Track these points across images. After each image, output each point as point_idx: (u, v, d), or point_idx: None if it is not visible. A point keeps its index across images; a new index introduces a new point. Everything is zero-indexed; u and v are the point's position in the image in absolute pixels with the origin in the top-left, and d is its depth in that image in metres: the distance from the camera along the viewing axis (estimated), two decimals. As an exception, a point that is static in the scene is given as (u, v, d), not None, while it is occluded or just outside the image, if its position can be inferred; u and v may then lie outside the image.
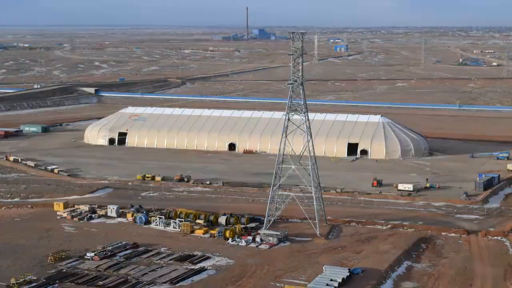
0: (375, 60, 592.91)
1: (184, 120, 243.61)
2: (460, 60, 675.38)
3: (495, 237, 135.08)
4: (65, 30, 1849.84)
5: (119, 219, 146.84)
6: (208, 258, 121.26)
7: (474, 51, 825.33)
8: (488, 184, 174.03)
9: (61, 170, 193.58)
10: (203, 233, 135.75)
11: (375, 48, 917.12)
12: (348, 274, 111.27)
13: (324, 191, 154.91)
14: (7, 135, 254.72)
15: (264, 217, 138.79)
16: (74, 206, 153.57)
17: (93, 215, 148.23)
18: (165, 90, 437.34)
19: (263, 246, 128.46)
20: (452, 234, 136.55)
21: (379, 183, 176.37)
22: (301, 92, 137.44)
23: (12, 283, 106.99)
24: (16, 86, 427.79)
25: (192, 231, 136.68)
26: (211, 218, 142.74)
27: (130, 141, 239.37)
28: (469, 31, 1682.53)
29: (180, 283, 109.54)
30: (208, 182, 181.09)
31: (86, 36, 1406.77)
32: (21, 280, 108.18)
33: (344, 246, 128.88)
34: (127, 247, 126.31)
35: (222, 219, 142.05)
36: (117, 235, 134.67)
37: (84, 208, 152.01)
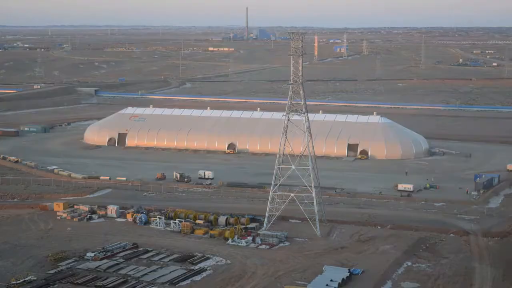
0: (375, 61, 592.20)
1: (183, 121, 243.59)
2: (460, 60, 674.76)
3: (495, 238, 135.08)
4: (65, 30, 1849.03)
5: (119, 220, 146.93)
6: (208, 258, 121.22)
7: (474, 52, 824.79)
8: (488, 185, 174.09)
9: (61, 170, 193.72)
10: (203, 234, 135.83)
11: (375, 48, 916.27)
12: (348, 274, 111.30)
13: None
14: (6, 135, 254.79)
15: (264, 218, 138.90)
16: (74, 207, 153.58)
17: (93, 216, 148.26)
18: (165, 90, 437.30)
19: (263, 247, 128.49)
20: (452, 235, 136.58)
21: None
22: (301, 92, 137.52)
23: (12, 283, 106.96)
24: (16, 86, 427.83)
25: (192, 232, 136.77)
26: (211, 218, 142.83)
27: (130, 141, 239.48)
28: (469, 31, 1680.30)
29: (180, 284, 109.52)
30: (208, 183, 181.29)
31: (86, 37, 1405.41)
32: (21, 280, 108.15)
33: (344, 246, 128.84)
34: (127, 247, 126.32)
35: (222, 220, 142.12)
36: (117, 235, 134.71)
37: (84, 208, 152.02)
